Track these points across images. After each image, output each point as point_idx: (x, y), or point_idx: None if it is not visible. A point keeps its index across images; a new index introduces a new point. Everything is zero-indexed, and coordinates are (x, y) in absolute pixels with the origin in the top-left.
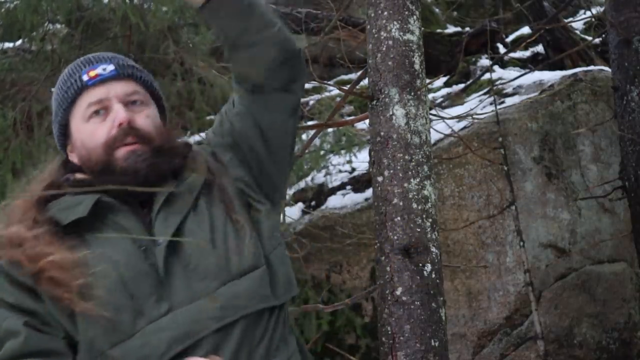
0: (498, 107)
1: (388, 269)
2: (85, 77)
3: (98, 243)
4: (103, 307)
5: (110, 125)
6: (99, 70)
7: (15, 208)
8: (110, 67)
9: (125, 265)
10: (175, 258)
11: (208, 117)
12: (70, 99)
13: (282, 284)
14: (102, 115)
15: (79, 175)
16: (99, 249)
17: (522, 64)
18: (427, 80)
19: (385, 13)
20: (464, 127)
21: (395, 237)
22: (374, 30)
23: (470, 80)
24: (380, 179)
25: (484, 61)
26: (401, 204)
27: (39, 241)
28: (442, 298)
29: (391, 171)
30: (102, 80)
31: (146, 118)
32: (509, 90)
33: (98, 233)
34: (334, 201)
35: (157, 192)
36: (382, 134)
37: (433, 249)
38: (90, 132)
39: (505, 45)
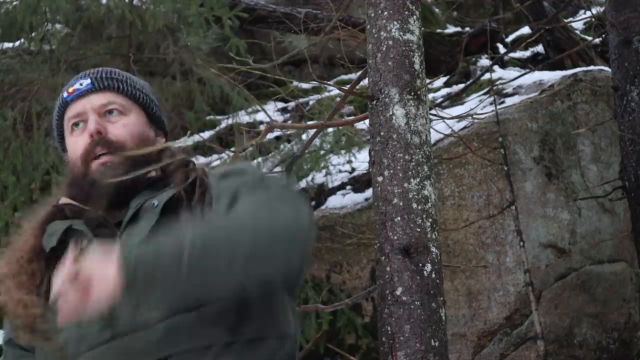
0: (498, 107)
1: (388, 269)
2: (65, 94)
3: None
4: (48, 337)
5: (86, 137)
6: (76, 85)
7: (24, 231)
8: (87, 82)
9: None
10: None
11: (208, 117)
12: (57, 116)
13: (254, 321)
14: (80, 128)
15: (62, 199)
16: None
17: (522, 64)
18: (427, 80)
19: (385, 13)
20: (464, 127)
21: (395, 237)
22: (374, 30)
23: (470, 80)
24: (380, 179)
25: (484, 61)
26: (401, 204)
27: (13, 277)
28: (442, 298)
29: (391, 171)
30: (79, 95)
31: (122, 127)
32: (509, 90)
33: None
34: (334, 201)
35: (129, 208)
36: (382, 134)
37: (433, 249)
38: (72, 145)
39: (505, 45)
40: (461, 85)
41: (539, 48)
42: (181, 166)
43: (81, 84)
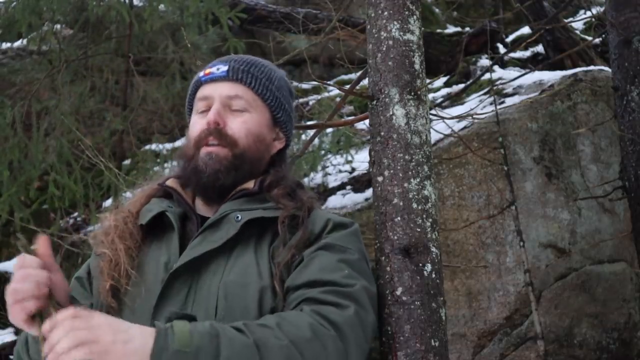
0: (498, 107)
1: (388, 269)
2: (201, 74)
3: (152, 249)
4: (115, 313)
5: (205, 122)
6: (213, 69)
7: (136, 195)
8: (224, 68)
9: (149, 282)
10: (182, 286)
11: None
12: (190, 92)
13: None
14: (205, 112)
15: (169, 182)
16: (151, 255)
17: (522, 64)
18: (427, 80)
19: (385, 13)
20: (464, 127)
21: (395, 237)
22: (374, 30)
23: (470, 80)
24: (380, 179)
25: (484, 61)
26: (401, 204)
27: (116, 234)
28: (442, 298)
29: (391, 171)
30: (212, 79)
31: (241, 123)
32: (509, 90)
33: (156, 240)
34: (334, 201)
35: (219, 208)
36: (382, 134)
37: (433, 249)
38: (193, 124)
39: (505, 45)
40: (461, 85)
41: (539, 48)
42: (287, 193)
43: (217, 69)
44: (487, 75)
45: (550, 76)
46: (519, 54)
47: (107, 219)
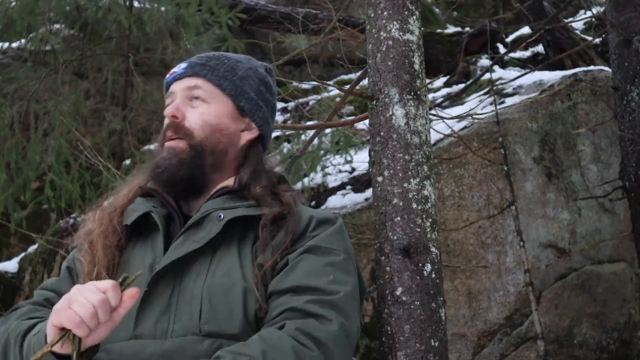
0: (498, 107)
1: (388, 269)
2: (167, 75)
3: (138, 250)
4: None
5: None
6: (176, 68)
7: (123, 191)
8: (183, 65)
9: (133, 283)
10: (166, 288)
11: None
12: (165, 93)
13: None
14: None
15: (150, 184)
16: (136, 257)
17: (522, 64)
18: (427, 80)
19: (385, 13)
20: (464, 127)
21: (395, 237)
22: (374, 30)
23: (470, 80)
24: (380, 179)
25: (484, 61)
26: (401, 204)
27: (98, 235)
28: (442, 298)
29: (391, 171)
30: (174, 78)
31: (197, 115)
32: (509, 90)
33: (141, 241)
34: (334, 201)
35: (198, 208)
36: (382, 134)
37: (433, 249)
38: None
39: (505, 45)
40: (461, 85)
41: (539, 48)
42: (269, 191)
43: (179, 67)
44: (487, 75)
45: (550, 76)
46: (519, 54)
47: (90, 220)
